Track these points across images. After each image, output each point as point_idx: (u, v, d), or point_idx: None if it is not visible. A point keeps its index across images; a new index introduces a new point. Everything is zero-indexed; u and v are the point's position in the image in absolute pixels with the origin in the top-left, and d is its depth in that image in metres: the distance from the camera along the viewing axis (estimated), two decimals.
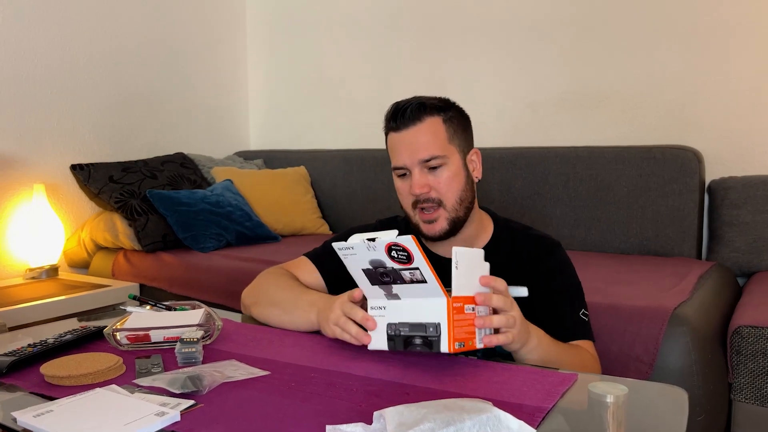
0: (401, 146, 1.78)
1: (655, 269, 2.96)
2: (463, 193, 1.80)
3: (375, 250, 1.38)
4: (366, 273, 1.44)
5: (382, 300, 1.47)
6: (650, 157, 3.34)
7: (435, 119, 1.79)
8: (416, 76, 4.38)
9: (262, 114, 5.22)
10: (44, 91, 3.84)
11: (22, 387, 1.35)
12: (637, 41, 3.59)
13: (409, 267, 1.36)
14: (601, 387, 1.19)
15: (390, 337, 1.45)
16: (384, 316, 1.46)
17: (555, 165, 3.59)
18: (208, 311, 1.77)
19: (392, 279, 1.41)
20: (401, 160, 1.78)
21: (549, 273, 1.82)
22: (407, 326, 1.42)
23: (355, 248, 1.41)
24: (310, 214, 4.36)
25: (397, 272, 1.39)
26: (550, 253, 1.85)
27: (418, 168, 1.76)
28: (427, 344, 1.39)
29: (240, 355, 1.53)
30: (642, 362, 2.23)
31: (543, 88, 3.90)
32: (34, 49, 3.80)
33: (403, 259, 1.36)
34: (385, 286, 1.44)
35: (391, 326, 1.44)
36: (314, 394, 1.28)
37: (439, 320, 1.38)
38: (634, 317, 2.29)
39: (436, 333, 1.38)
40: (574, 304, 1.80)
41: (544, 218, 3.60)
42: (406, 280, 1.39)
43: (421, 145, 1.75)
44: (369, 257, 1.40)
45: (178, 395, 1.25)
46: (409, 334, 1.42)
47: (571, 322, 1.77)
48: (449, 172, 1.77)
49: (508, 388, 1.30)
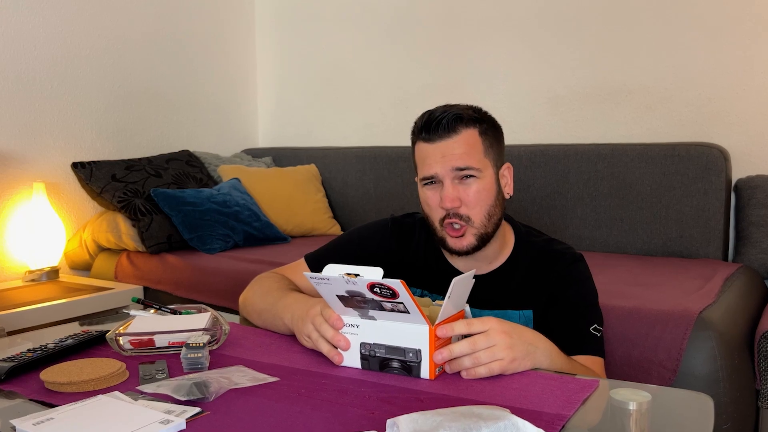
0: (434, 157, 1.76)
1: (679, 271, 2.95)
2: (492, 208, 1.78)
3: (355, 284, 1.37)
4: (340, 298, 1.43)
5: (355, 318, 1.46)
6: (674, 155, 3.33)
7: (471, 131, 1.77)
8: (432, 69, 4.37)
9: (270, 110, 5.22)
10: (44, 85, 3.85)
11: (21, 394, 1.35)
12: (663, 34, 3.57)
13: (392, 300, 1.36)
14: (624, 394, 1.19)
15: (364, 357, 1.45)
16: (357, 335, 1.46)
17: (576, 163, 3.58)
18: (215, 315, 1.77)
19: (370, 306, 1.41)
20: (433, 169, 1.76)
21: (563, 284, 1.81)
22: (383, 348, 1.43)
23: (330, 281, 1.39)
24: (320, 214, 4.36)
25: (376, 302, 1.39)
26: (567, 265, 1.84)
27: (450, 178, 1.74)
28: (406, 369, 1.41)
29: (248, 361, 1.53)
30: (665, 368, 2.22)
31: (564, 82, 3.89)
32: (33, 40, 3.80)
33: (387, 294, 1.35)
34: (361, 310, 1.44)
35: (365, 346, 1.45)
36: (325, 401, 1.28)
37: (419, 347, 1.39)
38: (657, 321, 2.29)
39: (416, 359, 1.40)
40: (586, 318, 1.78)
41: (564, 218, 3.59)
42: (385, 309, 1.39)
43: (457, 155, 1.74)
44: (346, 288, 1.39)
45: (184, 402, 1.25)
46: (386, 357, 1.43)
47: (580, 336, 1.75)
48: (480, 186, 1.75)
49: (526, 394, 1.30)
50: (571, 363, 1.58)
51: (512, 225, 1.94)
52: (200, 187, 4.10)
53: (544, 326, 1.75)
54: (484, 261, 1.86)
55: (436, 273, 1.91)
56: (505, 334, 1.42)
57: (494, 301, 1.84)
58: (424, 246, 1.94)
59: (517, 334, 1.45)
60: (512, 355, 1.41)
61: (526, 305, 1.83)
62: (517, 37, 4.03)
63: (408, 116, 4.35)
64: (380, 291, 1.35)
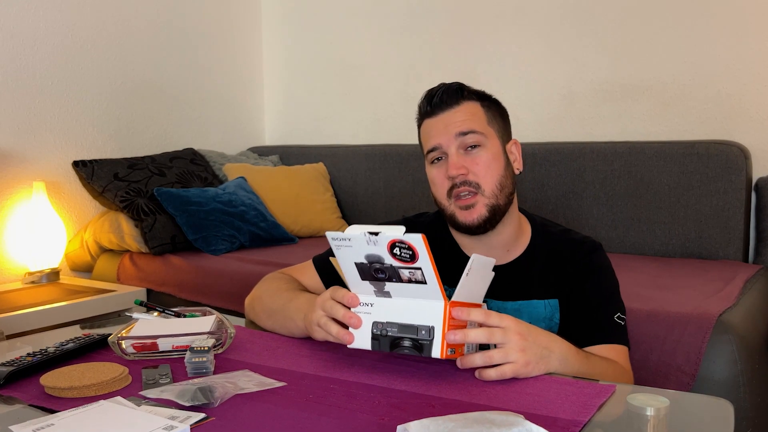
0: (437, 128, 1.78)
1: (699, 273, 2.95)
2: (503, 179, 1.78)
3: (375, 245, 1.37)
4: (358, 267, 1.43)
5: (370, 296, 1.46)
6: (693, 153, 3.32)
7: (473, 103, 1.80)
8: (444, 64, 4.37)
9: (278, 106, 5.23)
10: (44, 81, 3.86)
11: (20, 399, 1.36)
12: (682, 27, 3.56)
13: (411, 266, 1.36)
14: (641, 399, 1.19)
15: (375, 336, 1.44)
16: (370, 314, 1.45)
17: (592, 161, 3.58)
18: (220, 318, 1.77)
19: (387, 276, 1.40)
20: (436, 140, 1.78)
21: (584, 273, 1.81)
22: (396, 326, 1.42)
23: (352, 240, 1.39)
24: (329, 214, 4.37)
25: (394, 269, 1.38)
26: (587, 254, 1.84)
27: (454, 147, 1.75)
28: (417, 347, 1.40)
29: (254, 365, 1.53)
30: (684, 372, 2.22)
31: (580, 78, 3.89)
32: (33, 34, 3.80)
33: (406, 257, 1.35)
34: (377, 283, 1.43)
35: (377, 325, 1.44)
36: (334, 407, 1.28)
37: (433, 323, 1.38)
38: (675, 324, 2.28)
39: (429, 336, 1.38)
40: (608, 306, 1.78)
41: (579, 218, 3.58)
42: (403, 279, 1.38)
43: (459, 122, 1.75)
44: (366, 251, 1.39)
45: (188, 408, 1.26)
46: (398, 335, 1.42)
47: (604, 325, 1.75)
48: (488, 154, 1.76)
49: (541, 400, 1.30)
50: (588, 364, 1.58)
51: (527, 215, 1.94)
52: (205, 186, 4.11)
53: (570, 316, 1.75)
54: (501, 248, 1.85)
55: (451, 268, 1.90)
56: (521, 335, 1.42)
57: (517, 291, 1.83)
58: (439, 243, 1.93)
59: (533, 337, 1.45)
60: (525, 359, 1.40)
61: (551, 294, 1.82)
62: (532, 31, 4.03)
63: None
64: (400, 253, 1.34)
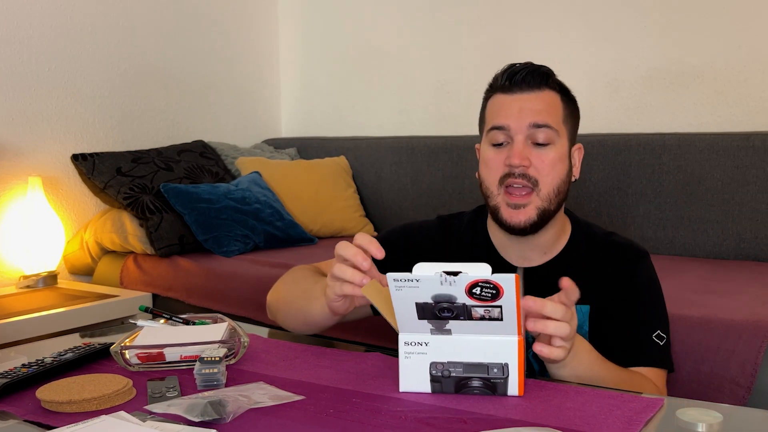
0: (510, 108, 1.76)
1: (754, 277, 2.94)
2: (561, 184, 1.78)
3: (451, 285, 1.31)
4: (419, 306, 1.37)
5: (424, 335, 1.42)
6: (749, 146, 3.30)
7: (555, 94, 1.80)
8: (477, 49, 4.34)
9: (295, 95, 5.23)
10: (41, 67, 3.86)
11: (14, 414, 1.36)
12: (737, 10, 3.53)
13: (489, 305, 1.32)
14: (692, 414, 1.19)
15: (435, 378, 1.42)
16: (425, 354, 1.42)
17: (638, 155, 3.56)
18: (233, 326, 1.78)
19: (454, 315, 1.36)
20: (506, 120, 1.76)
21: (624, 285, 1.80)
22: (460, 366, 1.40)
23: (421, 281, 1.32)
24: (351, 213, 4.37)
25: (466, 308, 1.34)
26: (631, 263, 1.83)
27: (523, 135, 1.74)
28: (489, 387, 1.38)
29: (269, 377, 1.54)
30: (739, 385, 2.21)
31: (626, 64, 3.86)
32: (29, 17, 3.79)
33: (487, 297, 1.30)
34: (437, 321, 1.38)
35: (437, 366, 1.41)
36: (356, 423, 1.28)
37: (507, 360, 1.37)
38: (729, 333, 2.27)
39: (502, 375, 1.37)
40: (647, 324, 1.77)
41: (624, 217, 3.57)
42: (474, 317, 1.34)
43: (536, 110, 1.75)
44: (435, 291, 1.33)
45: (198, 424, 1.26)
46: (464, 376, 1.40)
47: (638, 344, 1.74)
48: (556, 154, 1.76)
49: (581, 415, 1.29)
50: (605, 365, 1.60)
51: (570, 216, 1.94)
52: (216, 181, 4.11)
53: (601, 327, 1.75)
54: (538, 250, 1.85)
55: None
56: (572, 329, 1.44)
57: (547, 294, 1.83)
58: (472, 243, 1.93)
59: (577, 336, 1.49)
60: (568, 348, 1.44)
61: (583, 300, 1.81)
62: (573, 14, 4.01)
63: (449, 102, 4.38)
64: (480, 293, 1.30)
